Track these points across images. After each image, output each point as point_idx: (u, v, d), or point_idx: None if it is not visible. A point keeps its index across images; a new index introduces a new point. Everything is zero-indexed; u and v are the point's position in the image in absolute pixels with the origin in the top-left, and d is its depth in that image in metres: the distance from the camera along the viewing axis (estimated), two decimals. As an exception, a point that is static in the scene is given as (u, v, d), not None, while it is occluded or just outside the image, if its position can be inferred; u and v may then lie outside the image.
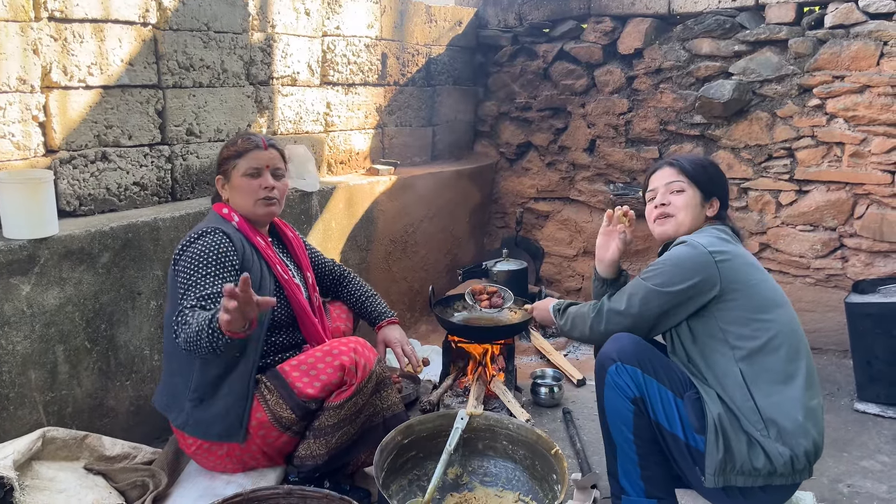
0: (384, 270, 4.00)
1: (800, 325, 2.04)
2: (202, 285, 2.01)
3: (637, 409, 1.99)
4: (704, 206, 2.17)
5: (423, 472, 2.21)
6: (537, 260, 4.85)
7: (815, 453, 1.91)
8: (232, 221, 2.19)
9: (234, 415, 2.09)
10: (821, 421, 1.95)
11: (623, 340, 2.05)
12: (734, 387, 1.92)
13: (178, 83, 2.90)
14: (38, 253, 2.26)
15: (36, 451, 2.10)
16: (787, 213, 3.84)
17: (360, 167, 4.07)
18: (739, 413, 1.90)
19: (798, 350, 1.97)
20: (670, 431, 1.97)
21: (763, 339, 1.94)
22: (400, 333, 2.55)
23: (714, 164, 2.27)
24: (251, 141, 2.21)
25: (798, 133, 3.75)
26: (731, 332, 1.96)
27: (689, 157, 2.26)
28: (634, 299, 2.07)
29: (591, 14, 4.36)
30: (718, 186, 2.20)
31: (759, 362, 1.93)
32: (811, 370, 1.98)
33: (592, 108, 4.45)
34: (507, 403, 2.91)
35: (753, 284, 1.99)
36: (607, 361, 2.03)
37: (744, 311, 1.96)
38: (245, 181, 2.19)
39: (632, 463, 2.07)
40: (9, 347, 2.21)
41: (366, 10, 3.87)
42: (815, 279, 3.81)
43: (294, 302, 2.24)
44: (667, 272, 2.02)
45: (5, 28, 2.30)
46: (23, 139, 2.42)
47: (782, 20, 3.73)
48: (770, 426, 1.88)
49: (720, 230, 2.11)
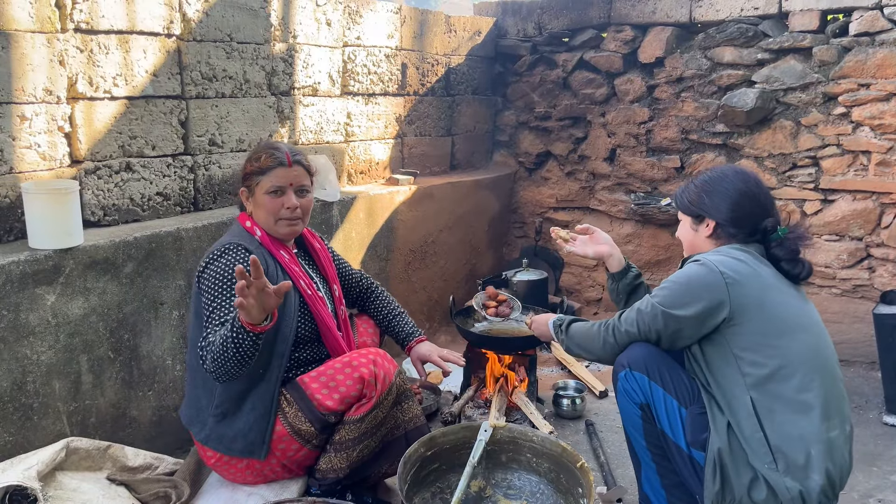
0: (403, 280, 3.99)
1: (826, 348, 1.91)
2: (224, 309, 2.00)
3: (644, 415, 1.99)
4: (698, 228, 2.08)
5: (447, 484, 2.18)
6: (557, 270, 4.82)
7: (832, 488, 1.80)
8: (255, 236, 2.17)
9: (257, 431, 2.07)
10: (841, 452, 1.83)
11: (635, 347, 2.04)
12: (745, 416, 1.83)
13: (201, 94, 2.92)
14: (64, 263, 2.27)
15: (60, 462, 2.10)
16: (811, 222, 3.79)
17: (380, 177, 4.07)
18: (747, 446, 1.81)
19: (815, 378, 1.83)
20: (674, 441, 1.95)
21: (773, 366, 1.82)
22: (430, 346, 2.54)
23: (701, 182, 2.10)
24: (275, 158, 2.15)
25: (823, 141, 3.70)
26: (744, 358, 1.85)
27: (690, 182, 2.16)
28: (643, 317, 2.01)
29: (611, 23, 4.35)
30: (701, 206, 2.06)
31: (770, 390, 1.82)
32: (834, 398, 1.86)
33: (613, 118, 4.43)
34: (529, 415, 2.88)
35: (770, 307, 1.87)
36: (619, 367, 2.06)
37: (756, 335, 1.85)
38: (268, 199, 2.15)
39: (651, 471, 2.07)
40: (34, 357, 2.22)
41: (386, 21, 3.88)
42: (842, 290, 3.75)
43: (318, 317, 2.22)
44: (675, 292, 1.95)
45: (32, 39, 2.32)
46: (49, 150, 2.44)
47: (806, 28, 3.70)
48: (779, 459, 1.79)
49: (738, 248, 1.97)
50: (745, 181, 2.04)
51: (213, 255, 2.09)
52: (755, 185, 2.04)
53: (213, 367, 1.91)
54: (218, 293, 2.02)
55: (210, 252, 2.11)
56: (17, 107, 2.32)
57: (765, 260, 1.97)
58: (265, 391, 2.08)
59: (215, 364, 1.90)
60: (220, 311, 2.00)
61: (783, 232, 1.97)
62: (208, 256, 2.10)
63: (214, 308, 2.01)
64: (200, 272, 2.09)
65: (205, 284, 2.06)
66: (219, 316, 1.99)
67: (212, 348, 1.90)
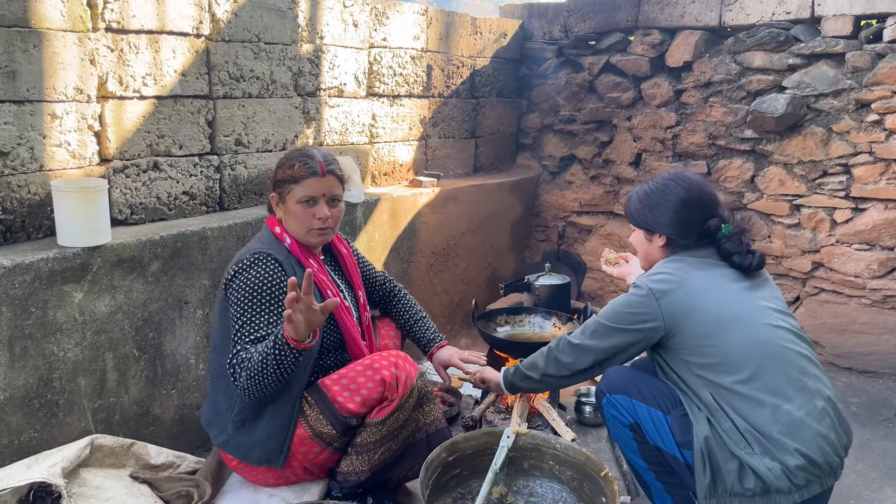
0: (426, 283, 3.98)
1: (767, 332, 1.89)
2: (254, 324, 1.99)
3: (636, 434, 2.02)
4: (651, 239, 2.10)
5: (468, 490, 2.17)
6: (579, 274, 4.78)
7: (815, 465, 1.77)
8: (284, 243, 2.15)
9: (275, 441, 2.06)
10: (813, 429, 1.79)
11: (609, 373, 2.11)
12: (714, 409, 1.87)
13: (229, 94, 2.93)
14: (91, 261, 2.29)
15: (84, 459, 2.11)
16: (842, 231, 3.72)
17: (404, 179, 4.06)
18: (726, 436, 1.84)
19: (760, 365, 1.84)
20: (669, 453, 1.96)
21: (716, 363, 1.87)
22: (451, 350, 2.53)
23: (643, 195, 2.11)
24: (309, 167, 2.10)
25: (855, 149, 3.64)
26: (692, 361, 1.91)
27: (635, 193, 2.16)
28: (587, 331, 2.05)
29: (639, 27, 4.30)
30: (647, 221, 2.08)
31: (722, 384, 1.86)
32: (788, 379, 1.84)
33: (639, 122, 4.39)
34: (551, 421, 2.85)
35: (699, 310, 1.90)
36: (600, 395, 2.13)
37: (694, 338, 1.90)
38: (300, 209, 2.12)
39: (658, 490, 2.07)
40: (60, 354, 2.24)
41: (412, 22, 3.88)
42: (871, 300, 3.68)
43: (343, 327, 2.20)
44: (616, 312, 2.00)
45: (64, 38, 2.34)
46: (78, 148, 2.46)
47: (839, 33, 3.63)
48: (752, 442, 1.81)
49: (674, 259, 2.02)
50: (688, 188, 2.04)
51: (242, 263, 2.06)
52: (697, 190, 2.05)
53: (248, 384, 1.90)
54: (248, 307, 2.00)
55: (239, 260, 2.08)
56: (49, 105, 2.34)
57: (711, 262, 2.00)
58: (286, 401, 2.06)
59: (251, 381, 1.89)
60: (250, 327, 1.99)
61: (727, 229, 2.00)
62: (237, 265, 2.07)
63: (244, 322, 1.99)
64: (229, 280, 2.07)
65: (233, 296, 2.04)
66: (248, 331, 1.98)
67: (248, 365, 1.89)
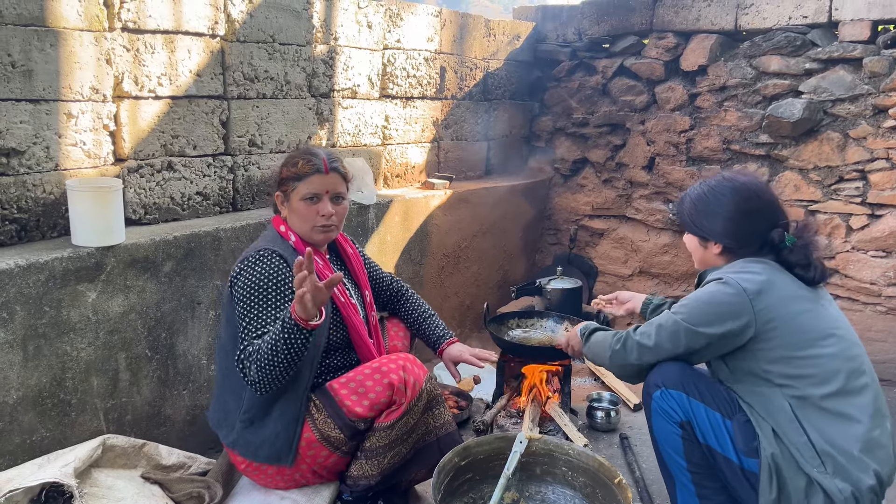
0: (437, 285, 3.97)
1: (856, 347, 1.91)
2: (260, 320, 2.00)
3: (685, 433, 1.96)
4: (706, 246, 2.06)
5: (480, 495, 2.15)
6: (590, 278, 4.76)
7: (881, 485, 1.80)
8: (289, 241, 2.16)
9: (284, 439, 2.05)
10: (886, 450, 1.82)
11: (665, 366, 2.02)
12: (786, 422, 1.83)
13: (243, 94, 2.93)
14: (105, 261, 2.29)
15: (96, 459, 2.11)
16: (857, 237, 3.68)
17: (416, 181, 4.05)
18: (796, 451, 1.81)
19: (854, 379, 1.84)
20: (723, 454, 1.91)
21: (810, 375, 1.83)
22: (461, 346, 2.52)
23: (696, 199, 2.06)
24: (312, 164, 2.13)
25: (872, 155, 3.60)
26: (773, 371, 1.86)
27: (686, 196, 2.11)
28: (663, 333, 1.98)
29: (654, 30, 4.28)
30: (702, 229, 2.04)
31: (808, 397, 1.82)
32: (874, 397, 1.85)
33: (652, 126, 4.36)
34: (563, 427, 2.83)
35: (794, 318, 1.86)
36: (652, 388, 2.02)
37: (784, 348, 1.85)
38: (303, 206, 2.14)
39: (689, 493, 2.02)
40: (73, 354, 2.24)
41: (426, 24, 3.87)
42: (887, 307, 3.64)
43: (350, 325, 2.20)
44: (700, 310, 1.93)
45: (80, 38, 2.35)
46: (93, 147, 2.46)
47: (856, 38, 3.60)
48: (826, 461, 1.79)
49: (754, 261, 1.96)
50: (746, 197, 1.99)
51: (247, 261, 2.08)
52: (756, 198, 2.00)
53: (259, 375, 1.90)
54: (254, 303, 2.01)
55: (244, 257, 2.10)
56: (64, 104, 2.34)
57: (781, 268, 1.95)
58: (293, 398, 2.06)
59: (261, 372, 1.89)
60: (257, 323, 1.99)
61: (791, 241, 1.95)
62: (242, 262, 2.09)
63: (251, 319, 2.00)
64: (234, 277, 2.08)
65: (238, 292, 2.04)
66: (255, 328, 1.99)
67: (257, 356, 1.90)
